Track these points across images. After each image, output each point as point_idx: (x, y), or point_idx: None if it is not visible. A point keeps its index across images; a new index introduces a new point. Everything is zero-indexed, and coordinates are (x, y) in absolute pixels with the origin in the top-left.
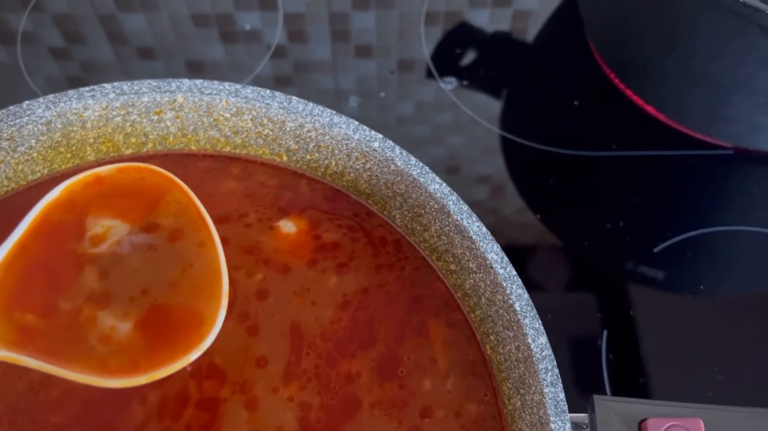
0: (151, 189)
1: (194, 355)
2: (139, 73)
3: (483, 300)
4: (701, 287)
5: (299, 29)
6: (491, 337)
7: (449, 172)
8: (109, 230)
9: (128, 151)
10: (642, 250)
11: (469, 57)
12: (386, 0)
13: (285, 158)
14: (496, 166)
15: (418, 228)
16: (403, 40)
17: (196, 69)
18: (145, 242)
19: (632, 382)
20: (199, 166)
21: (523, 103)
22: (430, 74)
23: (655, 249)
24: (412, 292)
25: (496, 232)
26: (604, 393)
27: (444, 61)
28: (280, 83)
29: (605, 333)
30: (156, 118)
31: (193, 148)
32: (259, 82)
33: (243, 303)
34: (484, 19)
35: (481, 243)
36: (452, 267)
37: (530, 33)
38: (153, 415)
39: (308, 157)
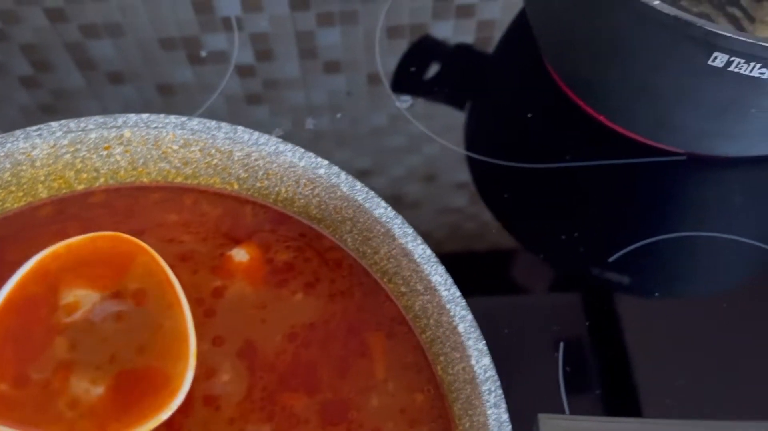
0: (120, 255)
1: (164, 415)
2: (111, 97)
3: (431, 321)
4: (657, 294)
5: (266, 48)
6: (441, 358)
7: (410, 187)
8: (81, 300)
9: (80, 186)
10: (598, 260)
11: (431, 71)
12: (350, 15)
13: (236, 186)
14: (453, 181)
15: (369, 251)
16: (367, 54)
17: (166, 91)
18: (115, 309)
19: (589, 395)
20: (150, 197)
21: (481, 117)
22: (387, 91)
23: (611, 259)
24: (360, 317)
25: (451, 247)
26: (561, 407)
27: (404, 76)
28: (251, 101)
29: (562, 345)
30: (105, 153)
31: (145, 180)
32: (229, 101)
33: (199, 292)
34: (449, 31)
35: (426, 266)
36: (402, 289)
37: (494, 44)
38: None
39: (258, 184)
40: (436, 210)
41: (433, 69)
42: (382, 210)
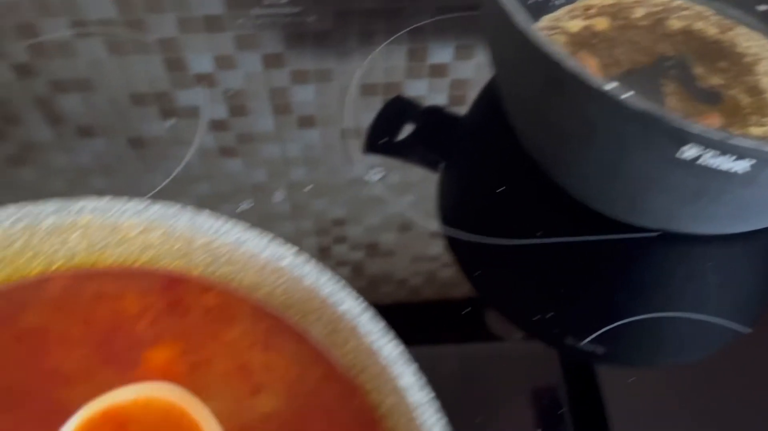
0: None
1: None
2: (81, 150)
3: (402, 422)
4: (633, 378)
5: (240, 104)
6: None
7: (375, 262)
8: None
9: (34, 272)
10: (572, 341)
11: (404, 131)
12: (323, 74)
13: (199, 271)
14: (422, 256)
15: (336, 344)
16: (341, 112)
17: (137, 145)
18: None
19: None
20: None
21: (452, 187)
22: (359, 156)
23: (586, 340)
24: (326, 415)
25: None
26: None
27: (377, 137)
28: (225, 154)
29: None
30: (61, 239)
31: (103, 264)
32: (203, 154)
33: None
34: (422, 90)
35: (394, 367)
36: (368, 386)
37: (467, 104)
38: None
39: (220, 271)
40: (404, 288)
41: (407, 130)
42: (347, 305)
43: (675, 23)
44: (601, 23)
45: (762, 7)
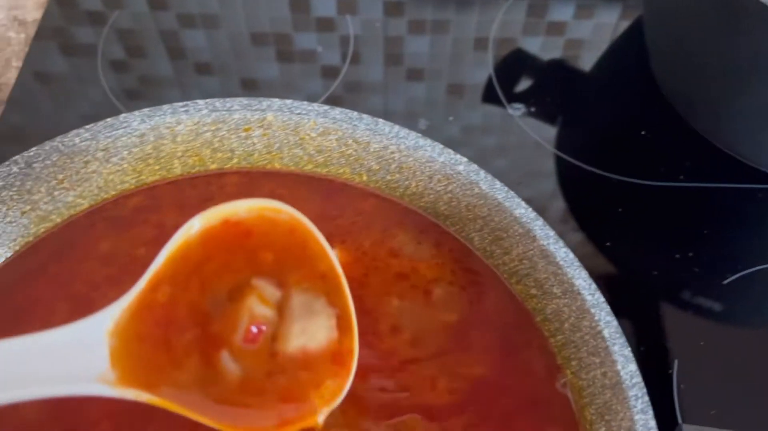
0: (284, 234)
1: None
2: (195, 88)
3: (566, 325)
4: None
5: (354, 51)
6: (573, 362)
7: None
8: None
9: (213, 166)
10: (712, 282)
11: (525, 83)
12: (441, 25)
13: (365, 178)
14: (563, 192)
15: (498, 251)
16: (457, 64)
17: (250, 86)
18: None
19: (704, 413)
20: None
21: (588, 132)
22: (489, 99)
23: (725, 281)
24: (481, 318)
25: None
26: (676, 423)
27: (494, 88)
28: (331, 103)
29: (676, 362)
30: (244, 134)
31: (277, 165)
32: (310, 101)
33: None
34: (537, 47)
35: (569, 269)
36: (533, 291)
37: (584, 61)
38: None
39: (388, 177)
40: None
41: (525, 83)
42: (522, 210)
43: None
44: None
45: None
